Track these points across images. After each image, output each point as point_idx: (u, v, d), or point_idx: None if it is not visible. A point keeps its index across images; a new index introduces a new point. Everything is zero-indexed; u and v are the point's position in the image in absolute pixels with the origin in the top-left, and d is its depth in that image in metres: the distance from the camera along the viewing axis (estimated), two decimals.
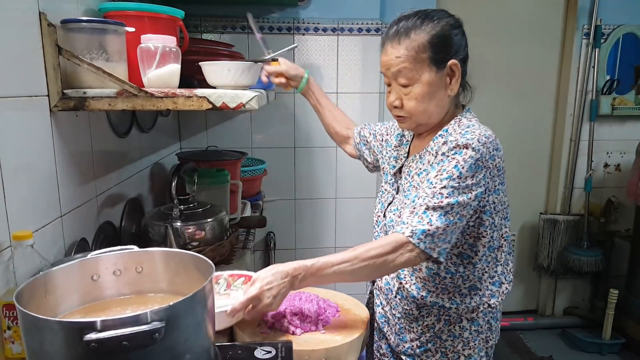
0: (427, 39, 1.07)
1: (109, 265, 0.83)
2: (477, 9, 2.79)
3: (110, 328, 0.59)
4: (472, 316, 1.18)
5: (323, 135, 2.56)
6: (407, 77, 1.10)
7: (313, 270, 1.02)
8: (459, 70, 1.12)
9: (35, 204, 1.02)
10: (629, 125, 2.91)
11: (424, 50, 1.08)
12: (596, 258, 2.85)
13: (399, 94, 1.13)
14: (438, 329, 1.19)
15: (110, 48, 1.10)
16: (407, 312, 1.21)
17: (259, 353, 0.88)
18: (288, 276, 1.00)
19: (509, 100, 2.92)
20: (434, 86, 1.10)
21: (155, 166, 1.94)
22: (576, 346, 2.86)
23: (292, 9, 2.36)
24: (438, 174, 1.04)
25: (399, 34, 1.09)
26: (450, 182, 1.01)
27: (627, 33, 2.77)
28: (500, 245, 1.16)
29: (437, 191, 1.01)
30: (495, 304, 1.18)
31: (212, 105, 1.07)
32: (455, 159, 1.03)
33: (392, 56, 1.10)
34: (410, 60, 1.08)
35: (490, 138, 1.07)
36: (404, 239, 1.01)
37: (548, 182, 3.07)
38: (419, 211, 1.02)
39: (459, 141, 1.05)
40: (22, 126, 0.98)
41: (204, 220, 1.38)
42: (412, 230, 1.01)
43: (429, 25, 1.08)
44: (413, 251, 1.01)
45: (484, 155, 1.04)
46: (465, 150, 1.03)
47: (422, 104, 1.11)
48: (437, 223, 1.00)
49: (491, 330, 1.22)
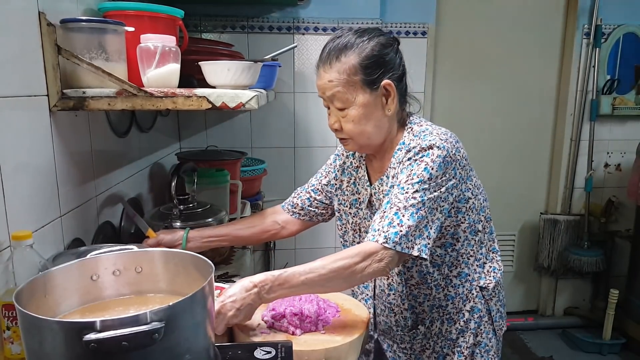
0: (358, 61, 1.06)
1: (109, 266, 0.83)
2: (477, 8, 2.78)
3: (110, 328, 0.59)
4: (470, 305, 1.19)
5: (323, 135, 2.58)
6: (341, 101, 1.09)
7: (280, 280, 0.98)
8: (394, 89, 1.10)
9: (34, 203, 1.02)
10: (630, 125, 2.91)
11: (355, 73, 1.06)
12: (597, 258, 2.85)
13: (337, 116, 1.13)
14: (446, 331, 1.20)
15: (110, 48, 1.10)
16: (414, 335, 1.22)
17: (259, 353, 0.87)
18: (254, 287, 0.97)
19: (509, 100, 2.91)
20: (369, 107, 1.09)
21: (154, 166, 1.94)
22: (576, 346, 2.86)
23: (291, 9, 2.36)
24: (408, 178, 1.03)
25: (330, 57, 1.08)
26: (422, 185, 1.01)
27: (627, 33, 2.77)
28: (483, 227, 1.18)
29: (410, 195, 1.01)
30: (487, 285, 1.20)
31: (212, 105, 1.07)
32: (423, 161, 1.03)
33: (325, 80, 1.09)
34: (343, 84, 1.07)
35: (448, 134, 1.09)
36: (377, 246, 0.99)
37: (548, 182, 3.07)
38: (389, 214, 1.01)
39: (422, 145, 1.05)
40: (22, 126, 0.98)
41: (203, 220, 1.38)
42: (385, 236, 0.99)
43: (359, 46, 1.07)
44: (384, 259, 0.98)
45: (450, 150, 1.05)
46: (432, 151, 1.04)
47: (359, 126, 1.10)
48: (408, 222, 0.99)
49: (493, 312, 1.22)
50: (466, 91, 2.85)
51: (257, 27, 2.36)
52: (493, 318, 1.23)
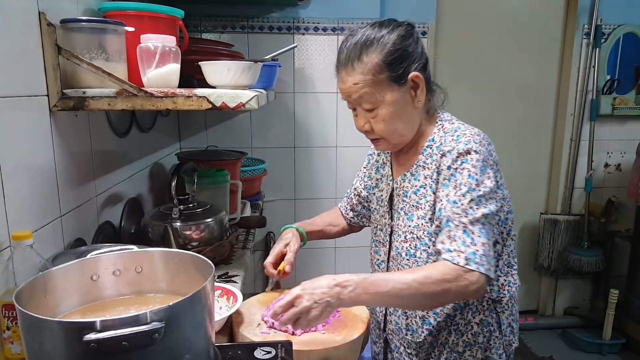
0: (381, 59, 1.02)
1: (109, 266, 0.83)
2: (477, 8, 2.79)
3: (110, 328, 0.59)
4: (480, 318, 1.13)
5: (323, 135, 2.59)
6: (369, 102, 1.05)
7: (366, 284, 0.93)
8: (422, 80, 1.06)
9: (34, 204, 1.02)
10: (630, 125, 2.91)
11: (380, 71, 1.02)
12: (596, 258, 2.85)
13: (365, 118, 1.09)
14: (452, 342, 1.13)
15: (110, 48, 1.10)
16: (420, 344, 1.15)
17: (259, 353, 0.87)
18: (336, 285, 0.92)
19: (509, 100, 2.92)
20: (399, 104, 1.05)
21: (154, 166, 1.94)
22: (576, 346, 2.86)
23: (291, 9, 2.36)
24: (456, 190, 1.00)
25: (351, 59, 1.04)
26: (473, 193, 0.98)
27: (627, 33, 2.77)
28: (503, 240, 1.13)
29: (467, 207, 0.97)
30: (500, 298, 1.14)
31: (212, 105, 1.07)
32: (465, 169, 1.00)
33: (350, 83, 1.05)
34: (369, 85, 1.03)
35: (482, 135, 1.06)
36: (459, 268, 0.94)
37: (548, 182, 3.07)
38: (457, 232, 0.96)
39: (458, 149, 1.02)
40: (22, 126, 0.98)
41: (203, 221, 1.37)
42: (465, 257, 0.94)
43: (379, 43, 1.03)
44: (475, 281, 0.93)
45: (485, 154, 1.02)
46: (470, 156, 1.01)
47: (392, 125, 1.07)
48: (481, 240, 0.95)
49: (504, 327, 1.15)
50: (466, 91, 2.85)
51: (257, 27, 2.36)
52: (503, 332, 1.15)
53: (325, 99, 2.48)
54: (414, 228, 1.11)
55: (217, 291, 1.14)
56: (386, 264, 1.22)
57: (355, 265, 2.51)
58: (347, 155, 2.55)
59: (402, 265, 1.15)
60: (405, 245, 1.13)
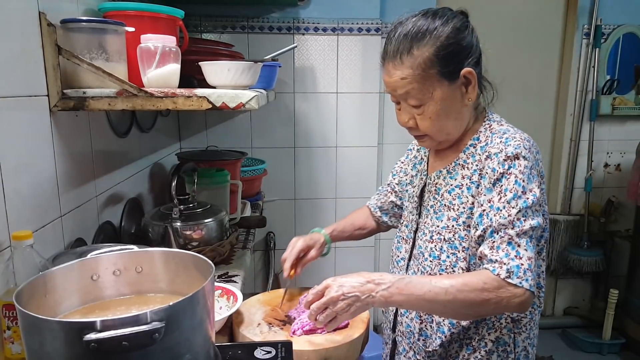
0: (433, 53, 0.94)
1: (109, 266, 0.83)
2: (477, 8, 2.78)
3: (110, 328, 0.59)
4: (496, 336, 1.04)
5: (323, 135, 2.58)
6: (417, 98, 0.98)
7: (401, 285, 0.89)
8: (475, 77, 0.99)
9: (34, 203, 1.02)
10: (629, 125, 2.91)
11: (431, 66, 0.95)
12: (596, 258, 2.85)
13: (410, 113, 1.01)
14: (462, 357, 1.06)
15: (110, 48, 1.10)
16: (430, 355, 1.08)
17: (259, 353, 0.87)
18: (368, 282, 0.90)
19: (509, 100, 2.90)
20: (448, 101, 0.98)
21: (155, 166, 1.94)
22: (576, 346, 2.86)
23: (291, 9, 2.36)
24: (501, 196, 0.93)
25: (400, 51, 0.96)
26: (519, 201, 0.91)
27: (627, 33, 2.77)
28: (540, 250, 1.05)
29: (514, 217, 0.90)
30: (520, 318, 1.04)
31: (212, 105, 1.07)
32: (512, 174, 0.93)
33: (397, 77, 0.97)
34: (418, 80, 0.95)
35: (531, 141, 1.00)
36: (500, 280, 0.88)
37: (548, 182, 3.07)
38: (502, 244, 0.90)
39: (507, 152, 0.95)
40: (22, 126, 0.98)
41: (203, 221, 1.38)
42: (507, 269, 0.88)
43: (432, 35, 0.95)
44: (520, 294, 0.88)
45: (533, 162, 0.96)
46: (518, 162, 0.94)
47: (438, 122, 1.00)
48: (527, 253, 0.89)
49: (518, 350, 1.06)
50: None
51: (257, 28, 2.36)
52: (517, 355, 1.05)
53: (325, 99, 2.48)
54: (443, 229, 1.05)
55: (217, 291, 1.14)
56: (406, 262, 1.15)
57: (356, 265, 2.51)
58: (347, 155, 2.55)
59: (423, 266, 1.08)
60: (430, 245, 1.07)
